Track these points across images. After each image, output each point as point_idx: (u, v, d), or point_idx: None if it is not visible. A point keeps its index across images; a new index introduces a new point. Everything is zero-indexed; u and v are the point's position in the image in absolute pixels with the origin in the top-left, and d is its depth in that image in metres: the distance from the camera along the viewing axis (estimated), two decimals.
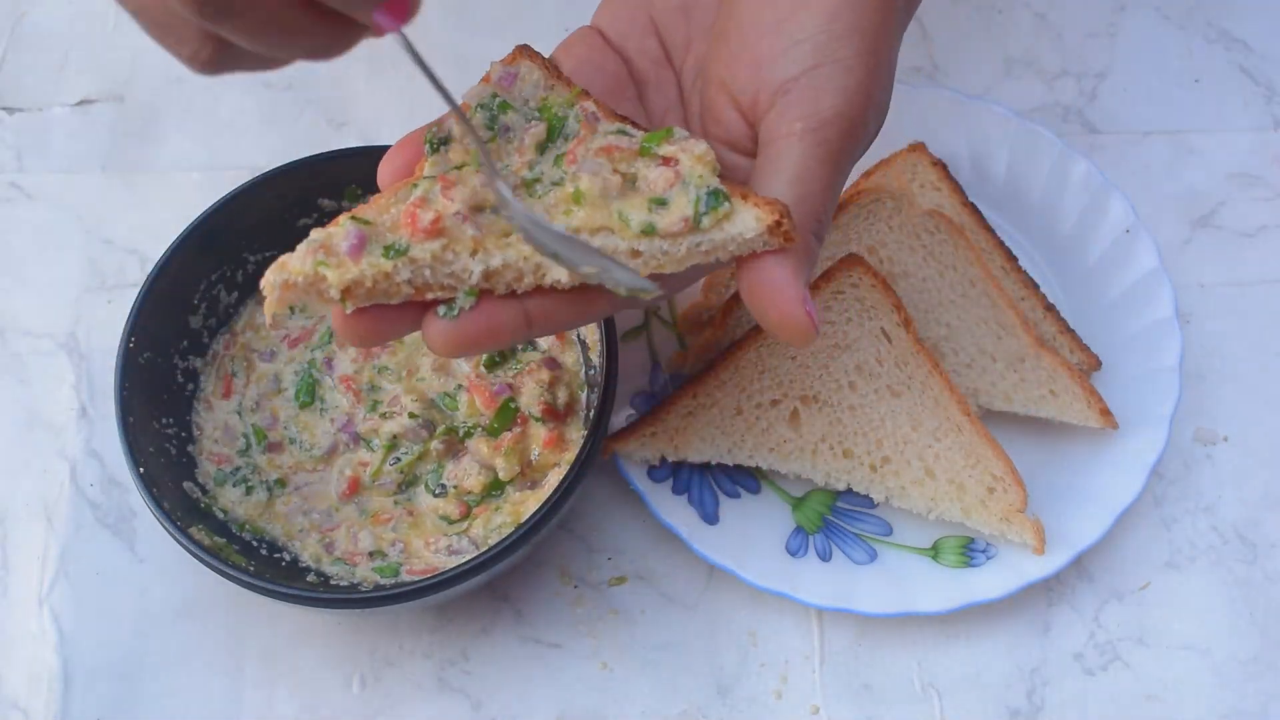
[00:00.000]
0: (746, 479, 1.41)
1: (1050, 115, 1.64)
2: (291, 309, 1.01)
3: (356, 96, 1.64)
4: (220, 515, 1.33)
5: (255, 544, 1.32)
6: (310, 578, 1.30)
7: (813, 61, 1.03)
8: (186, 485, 1.33)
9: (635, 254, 1.01)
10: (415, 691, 1.34)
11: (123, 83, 1.65)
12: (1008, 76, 1.66)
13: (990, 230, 1.50)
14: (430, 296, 1.01)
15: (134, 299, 1.33)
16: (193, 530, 1.25)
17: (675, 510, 1.36)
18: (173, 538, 1.24)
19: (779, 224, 0.99)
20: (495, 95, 1.09)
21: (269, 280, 0.98)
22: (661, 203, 1.01)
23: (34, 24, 1.69)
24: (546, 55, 1.14)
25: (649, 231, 1.01)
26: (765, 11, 1.06)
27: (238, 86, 1.65)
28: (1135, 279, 1.47)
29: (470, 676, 1.35)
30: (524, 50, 1.12)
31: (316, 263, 0.98)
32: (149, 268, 1.35)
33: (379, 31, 0.92)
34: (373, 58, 1.65)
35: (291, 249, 1.42)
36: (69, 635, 1.36)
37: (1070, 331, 1.46)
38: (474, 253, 1.00)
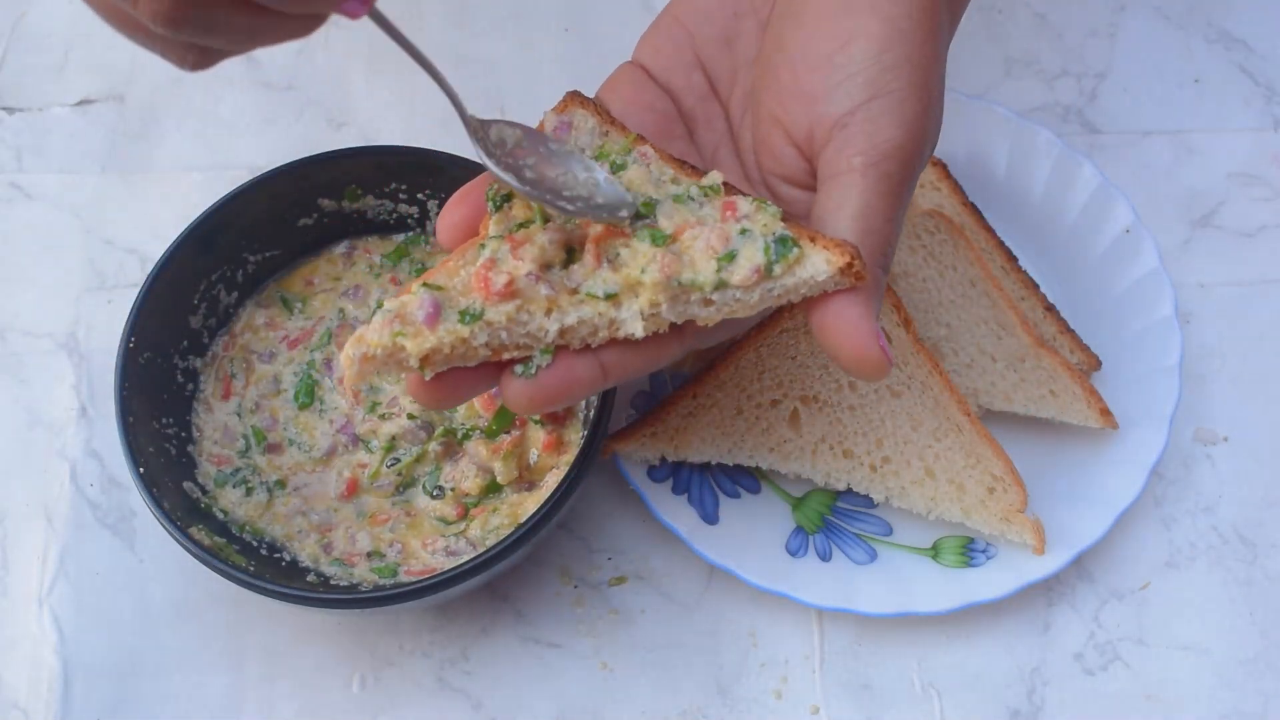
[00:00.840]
0: (746, 479, 1.41)
1: (1050, 115, 1.64)
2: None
3: (356, 96, 1.64)
4: (220, 516, 1.33)
5: (255, 544, 1.32)
6: (310, 578, 1.30)
7: (866, 95, 1.03)
8: (186, 485, 1.33)
9: (708, 303, 1.02)
10: (415, 691, 1.34)
11: (123, 83, 1.65)
12: (1008, 76, 1.66)
13: (990, 230, 1.50)
14: (507, 356, 1.02)
15: (134, 299, 1.33)
16: (193, 530, 1.25)
17: (675, 510, 1.36)
18: (173, 538, 1.24)
19: (850, 265, 1.00)
20: None
21: (348, 354, 0.99)
22: (730, 258, 1.01)
23: (34, 24, 1.69)
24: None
25: (721, 286, 1.01)
26: (814, 45, 1.06)
27: (237, 86, 1.65)
28: (1135, 279, 1.47)
29: (470, 676, 1.35)
30: (575, 97, 1.12)
31: (394, 334, 0.99)
32: (149, 268, 1.35)
33: (352, 17, 0.93)
34: (372, 57, 1.65)
35: (291, 249, 1.43)
36: (69, 635, 1.36)
37: (1070, 331, 1.46)
38: (548, 311, 1.01)
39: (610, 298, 1.01)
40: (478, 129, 1.04)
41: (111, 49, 1.67)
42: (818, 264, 1.00)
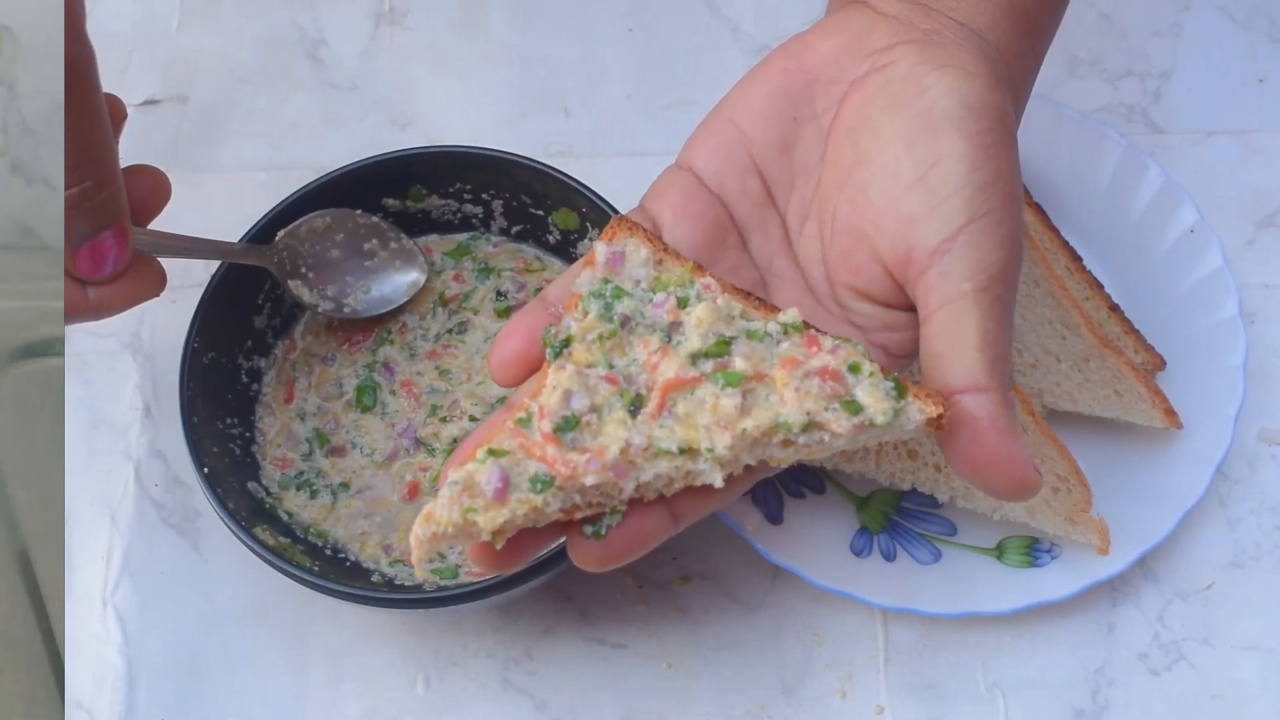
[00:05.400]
0: (811, 479, 1.40)
1: (1114, 115, 1.63)
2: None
3: (420, 96, 1.64)
4: (285, 518, 1.33)
5: (320, 545, 1.32)
6: (374, 578, 1.30)
7: (965, 217, 1.01)
8: (251, 486, 1.33)
9: (788, 444, 0.98)
10: (479, 692, 1.35)
11: (187, 83, 1.65)
12: (1072, 76, 1.65)
13: (1054, 230, 1.49)
14: (579, 516, 0.98)
15: (198, 299, 1.33)
16: (257, 530, 1.26)
17: (739, 510, 1.36)
18: (237, 538, 1.24)
19: (940, 418, 0.96)
20: (607, 280, 1.02)
21: (417, 535, 0.93)
22: (855, 407, 0.97)
23: (97, 24, 1.68)
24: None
25: (810, 428, 0.97)
26: (902, 164, 1.04)
27: (302, 87, 1.66)
28: (1199, 279, 1.46)
29: (534, 677, 1.35)
30: (622, 223, 1.05)
31: (464, 510, 0.93)
32: (213, 268, 1.36)
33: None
34: (436, 58, 1.65)
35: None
36: (133, 635, 1.37)
37: (1135, 331, 1.45)
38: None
39: (685, 451, 0.96)
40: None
41: (176, 49, 1.67)
42: (911, 414, 0.97)
